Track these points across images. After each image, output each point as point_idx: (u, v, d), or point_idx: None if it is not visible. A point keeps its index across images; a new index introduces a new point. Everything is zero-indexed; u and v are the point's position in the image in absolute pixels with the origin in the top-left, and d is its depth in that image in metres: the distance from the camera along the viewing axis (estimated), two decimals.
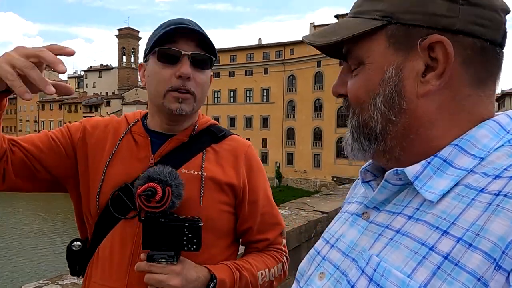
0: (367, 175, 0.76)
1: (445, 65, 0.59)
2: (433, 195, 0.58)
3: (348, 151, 0.71)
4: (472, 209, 0.53)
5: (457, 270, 0.50)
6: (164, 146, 1.20)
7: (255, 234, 1.26)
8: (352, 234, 0.69)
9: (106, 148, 1.21)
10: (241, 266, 1.16)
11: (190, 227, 1.02)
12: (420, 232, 0.57)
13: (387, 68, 0.62)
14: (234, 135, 1.32)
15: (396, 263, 0.56)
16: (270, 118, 51.71)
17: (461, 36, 0.59)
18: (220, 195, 1.18)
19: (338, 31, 0.66)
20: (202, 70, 1.18)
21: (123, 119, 1.30)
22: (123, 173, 1.16)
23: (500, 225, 0.48)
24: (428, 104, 0.61)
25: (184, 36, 1.14)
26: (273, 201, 1.33)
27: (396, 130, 0.63)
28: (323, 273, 0.71)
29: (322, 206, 3.75)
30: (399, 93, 0.62)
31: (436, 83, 0.60)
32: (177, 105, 1.14)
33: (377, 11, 0.63)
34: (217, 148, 1.24)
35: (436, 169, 0.60)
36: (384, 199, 0.67)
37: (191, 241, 1.02)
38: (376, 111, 0.64)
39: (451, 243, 0.52)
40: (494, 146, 0.59)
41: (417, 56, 0.60)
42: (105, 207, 1.15)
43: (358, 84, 0.66)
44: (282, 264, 1.29)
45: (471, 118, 0.61)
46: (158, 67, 1.16)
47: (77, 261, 1.21)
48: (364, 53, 0.65)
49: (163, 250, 1.02)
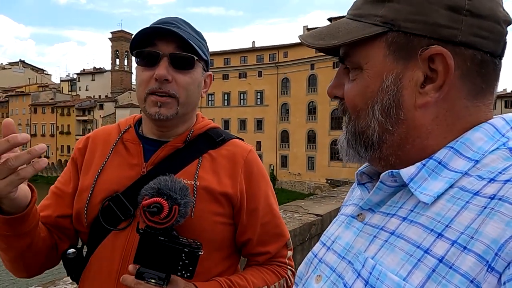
0: (363, 177, 0.75)
1: (444, 78, 0.58)
2: (427, 197, 0.58)
3: (344, 155, 0.70)
4: (467, 212, 0.53)
5: (451, 272, 0.50)
6: (157, 154, 1.14)
7: (256, 246, 1.18)
8: (348, 236, 0.69)
9: (96, 159, 1.18)
10: (234, 283, 1.10)
11: (188, 253, 0.94)
12: (415, 234, 0.56)
13: (386, 77, 0.61)
14: (235, 139, 1.24)
15: (391, 266, 0.56)
16: (264, 121, 51.75)
17: (462, 48, 0.58)
18: (214, 206, 1.11)
19: (337, 34, 0.65)
20: (184, 70, 1.11)
21: (116, 126, 1.26)
22: (114, 182, 1.12)
23: (494, 228, 0.48)
24: (425, 115, 0.60)
25: (164, 37, 1.09)
26: (277, 210, 1.24)
27: (392, 140, 0.63)
28: (320, 275, 0.70)
29: (316, 209, 3.75)
30: (397, 103, 0.61)
31: (434, 95, 0.59)
32: (156, 109, 1.09)
33: (377, 16, 0.62)
34: (214, 154, 1.17)
35: (431, 171, 0.60)
36: (379, 201, 0.67)
37: (187, 267, 0.94)
38: (374, 119, 0.63)
39: (446, 246, 0.52)
40: (489, 149, 0.58)
41: (417, 66, 0.59)
42: (95, 218, 1.11)
43: (355, 90, 0.65)
44: (285, 280, 1.20)
45: (468, 126, 0.61)
46: (139, 70, 1.13)
47: (73, 269, 1.17)
48: (363, 58, 0.64)
49: (154, 269, 0.94)
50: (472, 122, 0.61)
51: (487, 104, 0.62)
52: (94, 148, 1.21)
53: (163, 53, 1.08)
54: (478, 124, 0.61)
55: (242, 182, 1.15)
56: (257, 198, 1.18)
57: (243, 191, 1.15)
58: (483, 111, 0.62)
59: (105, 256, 1.10)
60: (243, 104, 53.50)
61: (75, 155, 1.23)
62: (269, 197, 1.22)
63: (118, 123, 1.27)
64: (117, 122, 1.29)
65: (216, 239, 1.13)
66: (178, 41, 1.09)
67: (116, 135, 1.21)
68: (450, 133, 0.61)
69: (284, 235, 1.23)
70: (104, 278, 1.09)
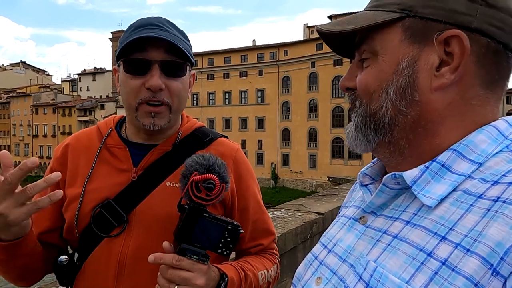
0: (366, 178, 0.75)
1: (460, 59, 0.59)
2: (431, 200, 0.58)
3: (351, 141, 0.70)
4: (471, 215, 0.53)
5: (454, 275, 0.50)
6: (146, 158, 1.13)
7: (248, 242, 1.21)
8: (349, 238, 0.69)
9: (81, 168, 1.15)
10: (244, 266, 1.12)
11: (232, 230, 0.94)
12: (418, 237, 0.56)
13: (402, 59, 0.62)
14: (222, 137, 1.24)
15: (393, 268, 0.56)
16: (265, 119, 51.71)
17: (477, 35, 0.59)
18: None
19: (355, 21, 0.66)
20: (176, 78, 1.08)
21: (95, 130, 1.21)
22: (104, 189, 1.10)
23: (498, 231, 0.48)
24: (439, 99, 0.61)
25: (153, 43, 1.04)
26: (264, 206, 1.27)
27: (405, 122, 0.63)
28: (320, 278, 0.70)
29: (317, 207, 3.76)
30: (412, 84, 0.61)
31: (450, 77, 0.59)
32: (150, 120, 1.07)
33: (395, 4, 0.63)
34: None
35: (434, 174, 0.59)
36: (381, 204, 0.66)
37: (227, 245, 0.94)
38: (387, 100, 0.63)
39: (449, 248, 0.52)
40: (493, 151, 0.58)
41: (433, 50, 0.60)
42: (87, 226, 1.10)
43: (369, 74, 0.65)
44: (276, 266, 1.26)
45: (477, 118, 0.61)
46: (127, 78, 1.08)
47: (65, 275, 1.15)
48: (378, 44, 0.64)
49: (196, 246, 0.92)
50: (481, 114, 0.61)
51: (496, 98, 0.63)
52: (76, 157, 1.17)
53: (153, 60, 1.05)
54: (485, 118, 0.61)
55: (233, 182, 1.15)
56: (247, 197, 1.20)
57: (234, 191, 1.16)
58: (491, 105, 0.62)
59: (100, 262, 1.08)
60: (244, 103, 53.45)
61: (54, 166, 1.19)
62: (257, 194, 1.24)
63: (97, 125, 1.23)
64: (96, 124, 1.24)
65: None
66: (167, 45, 1.06)
67: (98, 140, 1.18)
68: (460, 123, 0.61)
69: (272, 232, 1.28)
70: (100, 284, 1.08)
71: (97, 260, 1.09)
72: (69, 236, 1.15)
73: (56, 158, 1.20)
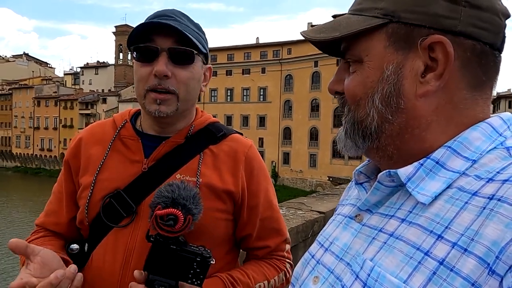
0: (361, 176, 0.75)
1: (445, 66, 0.58)
2: (425, 197, 0.57)
3: (341, 146, 0.70)
4: (466, 212, 0.52)
5: (453, 275, 0.49)
6: (158, 150, 1.13)
7: (255, 241, 1.20)
8: (346, 237, 0.69)
9: (93, 157, 1.16)
10: (236, 280, 1.10)
11: (200, 262, 0.93)
12: (414, 236, 0.56)
13: (386, 67, 0.61)
14: (235, 134, 1.23)
15: (390, 268, 0.56)
16: (266, 117, 51.70)
17: (462, 38, 0.58)
18: (216, 203, 1.11)
19: (338, 27, 0.65)
20: (183, 65, 1.09)
21: (111, 122, 1.23)
22: (115, 179, 1.12)
23: (494, 230, 0.48)
24: (425, 105, 0.60)
25: (162, 31, 1.06)
26: (276, 205, 1.24)
27: (391, 129, 0.63)
28: (317, 277, 0.70)
29: (319, 206, 3.76)
30: (398, 92, 0.61)
31: (435, 84, 0.59)
32: (155, 107, 1.07)
33: (378, 8, 0.62)
34: (215, 150, 1.16)
35: (428, 171, 0.59)
36: (377, 201, 0.66)
37: (197, 276, 0.93)
38: (373, 109, 0.63)
39: (447, 248, 0.51)
40: (487, 148, 0.58)
41: (417, 56, 0.60)
42: (97, 215, 1.11)
43: (356, 81, 0.65)
44: (284, 273, 1.21)
45: (466, 120, 0.61)
46: (137, 66, 1.10)
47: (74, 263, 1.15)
48: (363, 51, 0.64)
49: (164, 276, 0.92)
50: (471, 116, 0.61)
51: (485, 98, 0.62)
52: (88, 149, 1.19)
53: (161, 48, 1.06)
54: (475, 119, 0.61)
55: (243, 179, 1.15)
56: (258, 194, 1.18)
57: (244, 188, 1.16)
58: (481, 106, 0.62)
59: (107, 252, 1.10)
60: (246, 100, 53.44)
61: (67, 159, 1.22)
62: (269, 192, 1.23)
63: (113, 118, 1.24)
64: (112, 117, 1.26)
65: (217, 235, 1.13)
66: (176, 35, 1.06)
67: (112, 131, 1.19)
68: (448, 127, 0.61)
69: (283, 231, 1.24)
70: (106, 274, 1.09)
71: (105, 250, 1.10)
72: (81, 225, 1.17)
73: (70, 152, 1.23)
